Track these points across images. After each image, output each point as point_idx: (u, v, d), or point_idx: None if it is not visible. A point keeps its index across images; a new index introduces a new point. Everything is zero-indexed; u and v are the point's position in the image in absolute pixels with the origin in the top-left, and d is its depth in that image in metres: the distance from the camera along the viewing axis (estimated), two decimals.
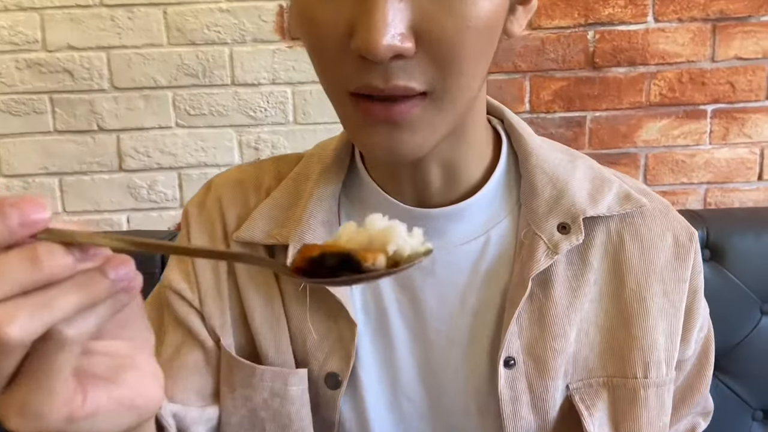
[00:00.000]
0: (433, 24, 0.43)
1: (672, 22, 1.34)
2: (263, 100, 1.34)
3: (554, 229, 0.57)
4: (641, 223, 0.59)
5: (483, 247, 0.58)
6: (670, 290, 0.58)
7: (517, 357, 0.56)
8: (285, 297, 0.57)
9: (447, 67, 0.45)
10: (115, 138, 1.34)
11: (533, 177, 0.58)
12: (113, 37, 1.30)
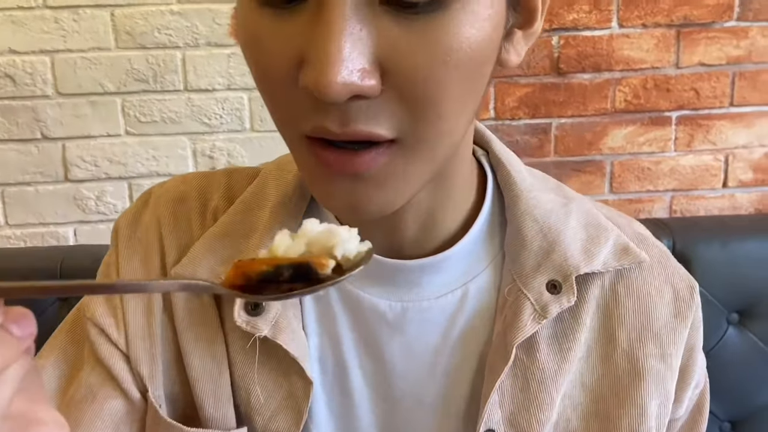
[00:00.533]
0: (403, 57, 0.36)
1: (636, 27, 1.32)
2: (218, 107, 1.29)
3: (543, 288, 0.50)
4: (638, 276, 0.52)
5: (460, 301, 0.51)
6: (666, 352, 0.52)
7: (498, 429, 0.50)
8: (229, 343, 0.50)
9: (421, 111, 0.38)
10: (60, 146, 1.27)
11: (521, 225, 0.51)
12: (58, 40, 1.24)
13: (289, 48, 0.36)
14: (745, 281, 1.17)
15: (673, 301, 0.53)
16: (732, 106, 1.36)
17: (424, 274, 0.50)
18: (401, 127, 0.38)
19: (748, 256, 1.17)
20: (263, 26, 0.37)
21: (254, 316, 0.48)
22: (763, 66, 1.35)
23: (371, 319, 0.50)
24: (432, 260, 0.49)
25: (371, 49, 0.35)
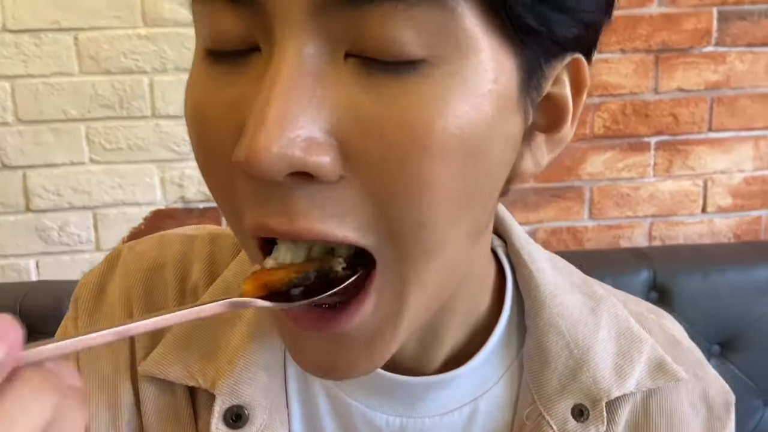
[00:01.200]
0: (369, 133, 0.28)
1: (615, 53, 1.31)
2: (187, 133, 1.24)
3: (568, 413, 0.43)
4: (673, 392, 0.46)
5: (468, 421, 0.44)
6: None
7: None
8: None
9: (395, 213, 0.29)
10: (20, 175, 1.22)
11: (545, 338, 0.44)
12: (18, 65, 1.19)
13: (232, 117, 0.29)
14: (726, 312, 1.16)
15: (708, 420, 0.47)
16: (710, 131, 1.36)
17: (428, 391, 0.43)
18: (375, 232, 0.30)
19: (729, 286, 1.16)
20: (209, 91, 0.31)
21: (236, 428, 0.41)
22: (741, 91, 1.34)
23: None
24: (437, 379, 0.43)
25: (327, 116, 0.28)
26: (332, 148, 0.28)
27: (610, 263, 1.19)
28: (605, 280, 0.56)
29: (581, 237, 1.37)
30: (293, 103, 0.27)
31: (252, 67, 0.29)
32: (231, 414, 0.41)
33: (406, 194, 0.29)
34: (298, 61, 0.27)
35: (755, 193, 1.39)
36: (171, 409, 0.43)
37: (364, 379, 0.39)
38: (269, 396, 0.42)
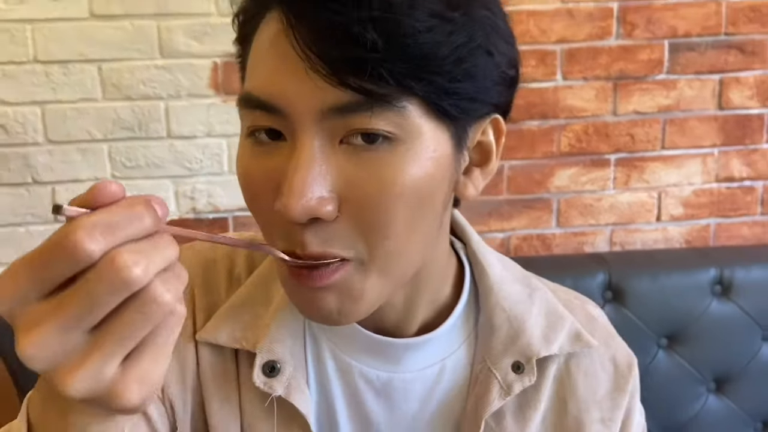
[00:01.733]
0: (355, 189, 0.44)
1: (578, 80, 1.46)
2: (199, 152, 1.39)
3: (509, 368, 0.58)
4: (587, 356, 0.62)
5: (437, 375, 0.59)
6: (606, 417, 0.62)
7: None
8: (243, 401, 0.57)
9: (370, 233, 0.45)
10: (50, 190, 1.36)
11: (492, 314, 0.59)
12: (48, 92, 1.33)
13: (270, 180, 0.45)
14: (673, 310, 1.31)
15: (614, 376, 0.62)
16: (663, 149, 1.51)
17: (407, 351, 0.58)
18: (356, 247, 0.46)
19: (675, 287, 1.32)
20: (252, 164, 0.47)
21: (271, 377, 0.56)
22: (689, 113, 1.50)
23: (360, 384, 0.58)
24: (414, 341, 0.57)
25: (330, 181, 0.43)
26: (333, 200, 0.44)
27: (573, 267, 1.34)
28: (567, 281, 0.74)
29: (550, 243, 1.53)
30: (308, 176, 0.43)
31: (281, 149, 0.45)
32: (267, 367, 0.56)
33: (378, 224, 0.45)
34: (310, 150, 0.43)
35: (703, 204, 1.55)
36: (220, 367, 0.58)
37: (361, 340, 0.55)
38: (294, 355, 0.57)
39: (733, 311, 1.31)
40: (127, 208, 0.33)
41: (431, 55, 0.43)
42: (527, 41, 1.43)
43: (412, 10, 0.43)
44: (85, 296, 0.32)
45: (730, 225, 1.56)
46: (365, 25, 0.41)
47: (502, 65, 0.49)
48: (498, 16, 0.49)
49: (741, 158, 1.54)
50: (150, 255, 0.33)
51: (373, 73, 0.42)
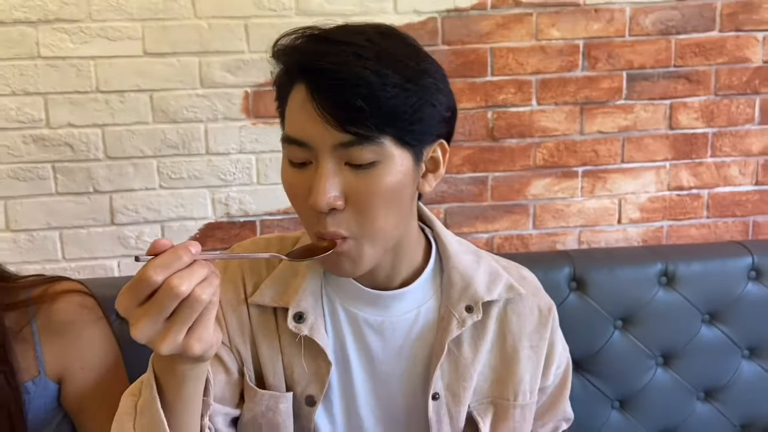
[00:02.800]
0: (354, 193, 0.72)
1: (550, 105, 1.73)
2: (232, 166, 1.65)
3: (463, 310, 0.86)
4: (519, 302, 0.91)
5: (415, 318, 0.87)
6: (534, 345, 0.91)
7: (440, 392, 0.87)
8: (282, 343, 0.86)
9: (361, 218, 0.74)
10: (108, 198, 1.62)
11: (451, 275, 0.88)
12: (107, 116, 1.59)
13: (304, 187, 0.74)
14: (626, 297, 1.55)
15: (539, 317, 0.92)
16: (623, 162, 1.78)
17: (393, 301, 0.86)
18: (352, 229, 0.74)
19: (628, 278, 1.57)
20: (292, 175, 0.76)
21: (299, 323, 0.84)
22: (645, 133, 1.77)
23: (363, 326, 0.87)
24: (397, 293, 0.86)
25: (339, 188, 0.72)
26: (341, 198, 0.72)
27: (545, 262, 1.60)
28: (540, 273, 1.03)
29: (527, 242, 1.80)
30: (327, 184, 0.71)
31: (309, 168, 0.74)
32: (296, 316, 0.85)
33: (367, 213, 0.73)
34: (327, 169, 0.72)
35: (657, 209, 1.82)
36: (265, 321, 0.86)
37: (362, 295, 0.83)
38: (314, 308, 0.86)
39: (677, 299, 1.57)
40: (172, 253, 0.60)
41: (396, 112, 0.72)
42: (507, 73, 1.70)
43: (384, 86, 0.71)
44: (159, 304, 0.60)
45: (680, 227, 1.83)
46: (356, 98, 0.70)
47: (442, 111, 0.77)
48: (439, 80, 0.78)
49: (689, 170, 1.80)
50: (189, 276, 0.60)
51: (362, 124, 0.71)
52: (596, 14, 1.70)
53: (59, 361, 0.95)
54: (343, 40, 0.72)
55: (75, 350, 0.95)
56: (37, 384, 0.92)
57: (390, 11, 1.63)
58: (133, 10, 1.55)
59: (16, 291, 0.94)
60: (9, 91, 1.54)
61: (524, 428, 0.92)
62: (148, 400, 0.69)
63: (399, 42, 0.76)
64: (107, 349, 0.98)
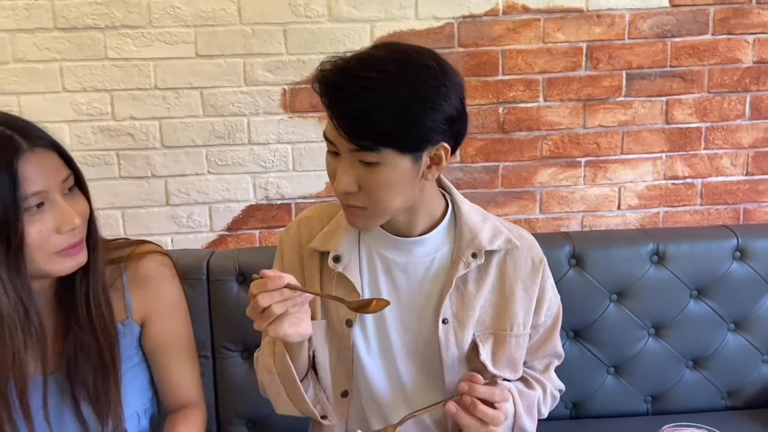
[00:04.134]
0: (364, 182, 0.96)
1: (556, 101, 1.92)
2: (271, 155, 1.87)
3: (469, 255, 1.08)
4: (516, 253, 1.12)
5: (432, 260, 1.10)
6: (527, 288, 1.12)
7: (449, 318, 1.09)
8: (322, 279, 1.11)
9: (370, 200, 0.98)
10: (164, 182, 1.86)
11: (462, 228, 1.10)
12: (164, 110, 1.82)
13: (334, 171, 0.97)
14: (621, 273, 1.72)
15: (531, 267, 1.13)
16: (622, 154, 1.95)
17: (414, 246, 1.09)
18: (365, 204, 0.98)
19: (623, 257, 1.73)
20: (329, 162, 0.98)
21: (336, 263, 1.09)
22: (642, 127, 1.94)
23: (392, 266, 1.10)
24: (417, 239, 1.08)
25: (354, 178, 0.95)
26: (355, 186, 0.96)
27: (548, 241, 1.77)
28: (544, 251, 1.23)
29: (534, 225, 1.99)
30: (343, 177, 0.96)
31: (338, 159, 0.97)
32: (334, 258, 1.08)
33: (374, 199, 0.97)
34: (345, 165, 0.96)
35: (654, 196, 1.99)
36: (313, 262, 1.10)
37: (391, 241, 1.07)
38: (350, 252, 1.09)
39: (667, 275, 1.73)
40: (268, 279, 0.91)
41: (393, 134, 0.94)
42: (517, 72, 1.89)
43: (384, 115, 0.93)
44: (253, 309, 0.93)
45: (675, 213, 2.00)
46: (359, 123, 0.93)
47: (439, 124, 0.97)
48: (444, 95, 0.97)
49: (683, 161, 1.98)
50: (270, 297, 0.91)
51: (365, 140, 0.94)
52: (598, 19, 1.88)
53: (143, 307, 1.16)
54: (357, 74, 0.93)
55: (155, 299, 1.16)
56: (126, 326, 1.14)
57: (411, 17, 1.83)
58: (187, 18, 1.77)
59: (110, 251, 1.15)
60: (80, 88, 1.78)
61: (517, 355, 1.14)
62: (280, 352, 1.06)
63: (409, 68, 0.96)
64: (179, 301, 1.20)
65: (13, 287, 0.94)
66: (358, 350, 1.11)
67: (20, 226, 0.93)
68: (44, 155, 0.99)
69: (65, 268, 1.01)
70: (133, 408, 1.17)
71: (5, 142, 0.94)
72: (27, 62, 1.75)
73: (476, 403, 0.98)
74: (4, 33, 1.74)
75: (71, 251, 1.00)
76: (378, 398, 1.14)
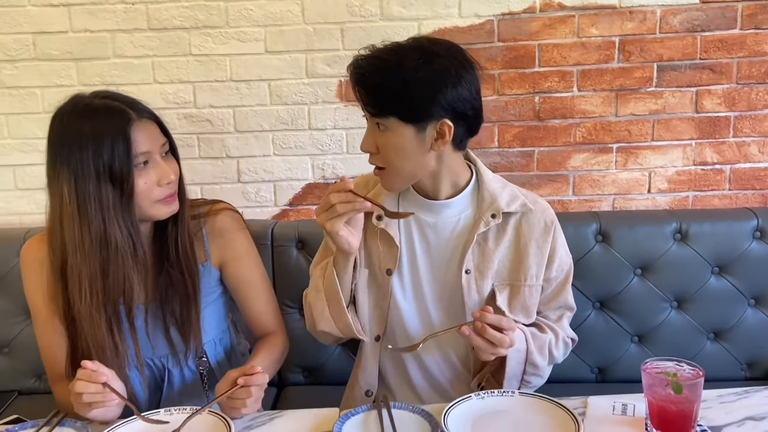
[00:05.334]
0: (379, 142, 1.22)
1: (589, 91, 2.07)
2: (328, 139, 2.12)
3: (489, 216, 1.31)
4: (531, 215, 1.33)
5: (457, 221, 1.33)
6: (540, 246, 1.33)
7: (471, 269, 1.31)
8: (366, 234, 1.34)
9: (386, 162, 1.23)
10: (236, 162, 2.13)
11: (483, 194, 1.32)
12: (237, 99, 2.09)
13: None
14: (644, 249, 1.87)
15: (544, 227, 1.33)
16: (653, 140, 2.09)
17: (442, 208, 1.32)
18: (384, 164, 1.25)
19: (646, 234, 1.88)
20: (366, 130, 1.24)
21: (379, 221, 1.32)
22: (672, 115, 2.07)
23: (425, 225, 1.33)
24: (445, 202, 1.32)
25: (373, 140, 1.24)
26: (374, 147, 1.25)
27: (576, 219, 1.93)
28: (570, 228, 1.56)
29: (567, 206, 2.15)
30: (366, 138, 1.27)
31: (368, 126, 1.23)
32: (377, 217, 1.32)
33: (387, 160, 1.25)
34: (368, 129, 1.27)
35: (684, 181, 2.11)
36: (367, 220, 1.33)
37: (423, 203, 1.32)
38: None
39: (689, 252, 1.87)
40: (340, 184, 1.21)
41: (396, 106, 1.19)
42: (552, 64, 2.06)
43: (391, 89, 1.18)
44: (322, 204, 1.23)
45: (704, 197, 2.12)
46: (370, 95, 1.18)
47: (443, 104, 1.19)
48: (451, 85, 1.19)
49: (712, 148, 2.09)
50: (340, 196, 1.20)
51: (375, 108, 1.19)
52: (630, 15, 2.02)
53: (219, 253, 1.42)
54: (378, 56, 1.19)
55: (230, 247, 1.43)
56: (205, 267, 1.40)
57: (455, 15, 2.04)
58: (258, 18, 2.04)
59: (193, 208, 1.43)
60: (168, 80, 2.08)
61: (530, 303, 1.34)
62: (329, 273, 1.31)
63: (419, 53, 1.17)
64: (249, 248, 1.46)
65: (125, 225, 1.22)
66: (395, 295, 1.34)
67: (131, 179, 1.20)
68: (148, 124, 1.26)
69: (163, 213, 1.28)
70: (211, 335, 1.44)
71: (120, 113, 1.22)
72: (125, 58, 2.06)
73: (486, 327, 1.17)
74: (106, 33, 2.05)
75: (168, 200, 1.28)
76: (409, 338, 1.36)
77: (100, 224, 1.21)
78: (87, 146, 1.19)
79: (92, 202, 1.20)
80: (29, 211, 2.14)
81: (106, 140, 1.19)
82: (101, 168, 1.19)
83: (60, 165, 1.21)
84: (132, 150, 1.21)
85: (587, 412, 1.17)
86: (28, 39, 2.05)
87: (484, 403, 1.19)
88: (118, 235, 1.22)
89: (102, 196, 1.20)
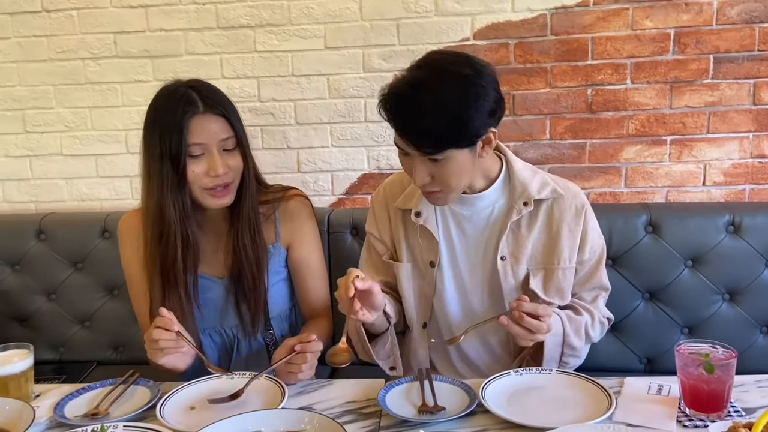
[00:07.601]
0: (435, 173, 1.25)
1: (643, 83, 2.08)
2: (382, 131, 2.21)
3: (521, 204, 1.37)
4: (562, 201, 1.39)
5: (491, 211, 1.40)
6: (571, 230, 1.38)
7: (506, 255, 1.38)
8: (407, 231, 1.42)
9: (444, 185, 1.27)
10: (296, 153, 2.25)
11: (514, 183, 1.39)
12: (298, 93, 2.21)
13: (409, 168, 1.28)
14: (696, 241, 1.87)
15: (575, 211, 1.39)
16: (708, 133, 2.08)
17: (476, 200, 1.39)
18: (440, 187, 1.28)
19: (696, 226, 1.87)
20: (403, 160, 1.31)
21: (417, 218, 1.39)
22: (729, 107, 2.05)
23: (461, 218, 1.40)
24: (478, 195, 1.39)
25: (427, 172, 1.26)
26: (429, 177, 1.28)
27: (626, 210, 1.95)
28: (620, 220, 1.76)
29: (619, 198, 2.16)
30: (419, 174, 1.27)
31: (410, 158, 1.28)
32: (416, 214, 1.40)
33: (445, 184, 1.30)
34: (417, 164, 1.28)
35: (740, 174, 2.09)
36: (398, 218, 1.42)
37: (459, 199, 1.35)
38: (428, 209, 1.41)
39: (742, 244, 1.85)
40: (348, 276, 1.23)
41: (449, 140, 1.22)
42: (605, 57, 2.07)
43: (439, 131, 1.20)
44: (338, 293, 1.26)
45: (760, 190, 2.09)
46: (422, 136, 1.21)
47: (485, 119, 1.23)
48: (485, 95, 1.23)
49: None
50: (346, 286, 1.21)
51: (430, 148, 1.22)
52: (686, 7, 2.02)
53: (289, 235, 1.55)
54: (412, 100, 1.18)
55: (298, 229, 1.55)
56: (275, 247, 1.53)
57: (508, 10, 2.08)
58: (318, 16, 2.15)
59: (268, 193, 1.56)
60: (234, 75, 2.22)
61: (564, 285, 1.39)
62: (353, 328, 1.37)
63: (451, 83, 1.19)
64: (314, 233, 1.58)
65: (175, 201, 1.37)
66: (438, 286, 1.42)
67: (183, 162, 1.33)
68: (212, 118, 1.38)
69: (211, 203, 1.41)
70: (277, 311, 1.56)
71: (189, 101, 1.35)
72: (195, 54, 2.21)
73: (523, 315, 1.24)
74: (179, 32, 2.21)
75: (216, 192, 1.40)
76: (453, 324, 1.43)
77: (158, 199, 1.38)
78: (157, 128, 1.36)
79: (155, 177, 1.37)
80: (109, 197, 2.33)
81: (169, 126, 1.34)
82: (164, 149, 1.35)
83: (145, 141, 1.39)
84: (186, 139, 1.33)
85: (622, 391, 1.22)
86: (109, 38, 2.23)
87: (521, 379, 1.26)
88: (170, 212, 1.36)
89: (163, 174, 1.36)
